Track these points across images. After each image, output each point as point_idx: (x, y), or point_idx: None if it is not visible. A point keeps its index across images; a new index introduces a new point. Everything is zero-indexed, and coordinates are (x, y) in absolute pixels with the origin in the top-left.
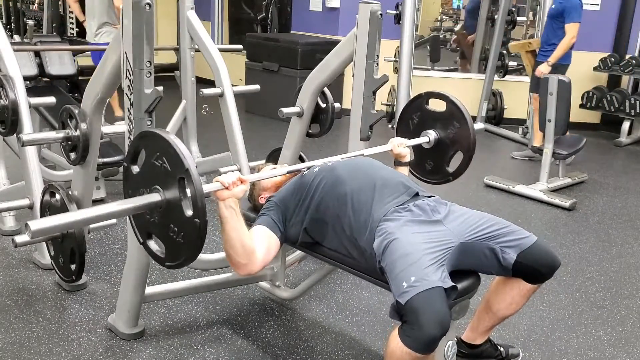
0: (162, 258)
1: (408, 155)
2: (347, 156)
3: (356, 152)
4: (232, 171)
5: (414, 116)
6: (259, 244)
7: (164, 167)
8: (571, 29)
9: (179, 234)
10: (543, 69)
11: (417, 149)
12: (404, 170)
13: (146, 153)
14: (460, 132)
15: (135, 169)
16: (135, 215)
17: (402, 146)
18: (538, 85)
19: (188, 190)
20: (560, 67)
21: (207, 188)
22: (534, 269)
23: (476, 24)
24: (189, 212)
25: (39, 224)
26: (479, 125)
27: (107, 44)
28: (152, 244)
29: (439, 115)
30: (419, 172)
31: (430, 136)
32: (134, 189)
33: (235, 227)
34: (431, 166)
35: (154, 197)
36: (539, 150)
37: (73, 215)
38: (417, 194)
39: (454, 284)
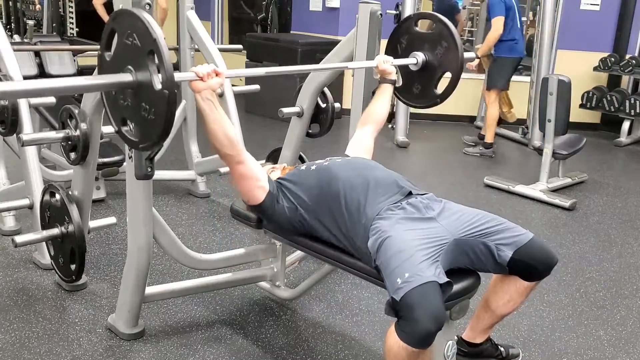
0: (136, 142)
1: (393, 74)
2: (336, 66)
3: (343, 64)
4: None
5: (402, 39)
6: (252, 160)
7: (134, 43)
8: (495, 23)
9: (150, 110)
10: (473, 62)
11: (404, 72)
12: (387, 88)
13: (118, 34)
14: (448, 52)
15: (109, 55)
16: (110, 104)
17: (387, 63)
18: (490, 83)
19: (157, 67)
20: (505, 60)
21: (181, 76)
22: (530, 266)
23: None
24: (158, 86)
25: (7, 86)
26: (469, 54)
27: None
28: (126, 129)
29: (427, 36)
30: (406, 97)
31: (418, 57)
32: (108, 73)
33: (215, 119)
34: (419, 90)
35: (126, 77)
36: (491, 146)
37: (45, 83)
38: (410, 193)
39: (449, 280)
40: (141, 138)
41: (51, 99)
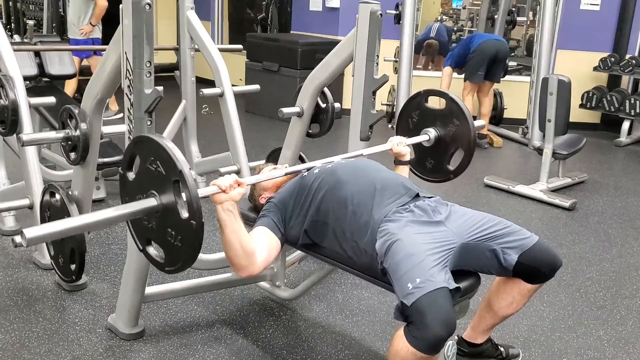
0: (162, 263)
1: (408, 154)
2: (347, 156)
3: (355, 152)
4: (230, 173)
5: (413, 114)
6: (260, 246)
7: (159, 171)
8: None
9: (177, 237)
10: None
11: (417, 147)
12: (405, 170)
13: (141, 158)
14: (460, 129)
15: (131, 175)
16: (134, 222)
17: (401, 145)
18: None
19: (183, 194)
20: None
21: (203, 192)
22: (535, 269)
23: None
24: (184, 215)
25: (34, 231)
26: (479, 122)
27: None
28: (152, 250)
29: (439, 113)
30: (419, 171)
31: (430, 134)
32: (131, 195)
33: (234, 230)
34: (432, 164)
35: (151, 202)
36: None
37: (70, 222)
38: (417, 195)
39: (458, 285)
40: (167, 261)
41: (51, 99)
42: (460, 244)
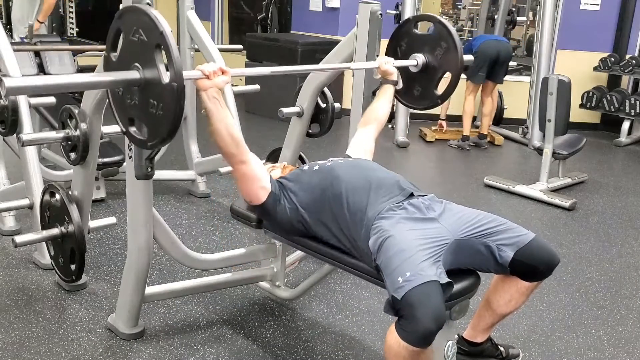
0: (145, 140)
1: (395, 75)
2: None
3: (343, 65)
4: (229, 173)
5: (401, 42)
6: (256, 160)
7: (141, 39)
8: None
9: (158, 105)
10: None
11: (405, 75)
12: (389, 89)
13: (124, 33)
14: (448, 53)
15: (115, 55)
16: (117, 105)
17: (388, 64)
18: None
19: (164, 59)
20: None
21: (187, 74)
22: (531, 266)
23: None
24: (165, 80)
25: (15, 82)
26: (468, 57)
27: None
28: (134, 130)
29: (427, 37)
30: (407, 99)
31: (418, 59)
32: None
33: (220, 118)
34: (419, 91)
35: (133, 74)
36: (467, 138)
37: (51, 79)
38: (412, 194)
39: (450, 280)
40: (149, 136)
41: (51, 99)
42: (454, 240)
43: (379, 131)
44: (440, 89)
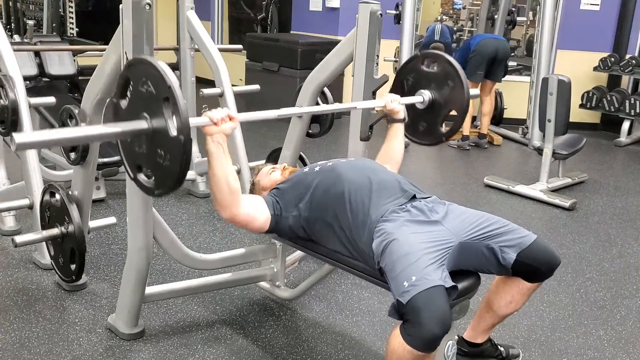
0: (152, 188)
1: (402, 112)
2: (343, 107)
3: (349, 104)
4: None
5: (408, 77)
6: (247, 199)
7: (149, 91)
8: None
9: (166, 156)
10: None
11: (411, 110)
12: (399, 128)
13: (133, 82)
14: (454, 91)
15: (124, 103)
16: (125, 150)
17: (395, 102)
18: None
19: (173, 115)
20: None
21: (195, 122)
22: (533, 267)
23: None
24: (173, 132)
25: (24, 137)
26: (474, 91)
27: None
28: (142, 177)
29: (433, 75)
30: (412, 134)
31: (424, 96)
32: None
33: (221, 164)
34: (424, 127)
35: (141, 124)
36: (467, 138)
37: (61, 133)
38: (414, 196)
39: (454, 284)
40: (156, 184)
41: (51, 99)
42: (458, 243)
43: (398, 169)
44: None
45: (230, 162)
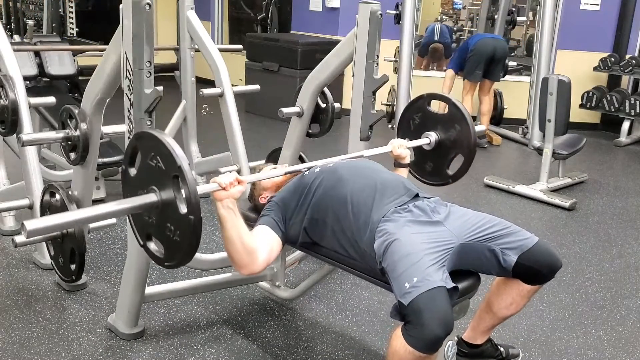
0: (161, 259)
1: (408, 157)
2: (347, 157)
3: (355, 153)
4: (230, 172)
5: (415, 117)
6: (261, 244)
7: (159, 166)
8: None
9: (175, 232)
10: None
11: (417, 150)
12: (404, 172)
13: (142, 154)
14: (461, 134)
15: (133, 171)
16: (134, 217)
17: (402, 147)
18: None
19: (182, 189)
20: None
21: (203, 189)
22: (535, 270)
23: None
24: (183, 210)
25: (35, 223)
26: (480, 127)
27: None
28: (152, 245)
29: (441, 117)
30: (418, 173)
31: (431, 138)
32: (133, 190)
33: (234, 226)
34: (431, 167)
35: (151, 198)
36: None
37: (70, 215)
38: (417, 195)
39: (455, 285)
40: (167, 256)
41: (51, 99)
42: (459, 244)
43: None
44: (453, 167)
45: (243, 222)
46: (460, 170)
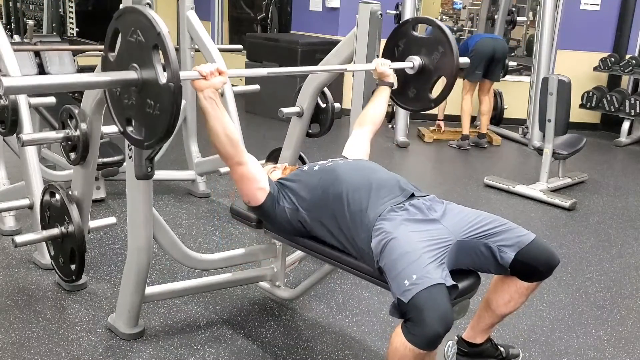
0: (142, 140)
1: (391, 76)
2: (333, 68)
3: (339, 66)
4: (229, 172)
5: (399, 43)
6: (254, 162)
7: (139, 40)
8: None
9: (155, 106)
10: None
11: (401, 77)
12: (385, 91)
13: (122, 34)
14: (444, 57)
15: (113, 55)
16: (114, 103)
17: (385, 65)
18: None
19: (162, 59)
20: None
21: (184, 75)
22: (532, 267)
23: None
24: (162, 80)
25: (13, 81)
26: (464, 59)
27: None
28: (131, 130)
29: (424, 40)
30: (401, 100)
31: (414, 61)
32: None
33: (216, 117)
34: (414, 93)
35: (131, 74)
36: (466, 138)
37: (49, 79)
38: (412, 195)
39: (455, 283)
40: (146, 136)
41: (51, 99)
42: (456, 241)
43: (375, 132)
44: (435, 92)
45: (226, 114)
46: (443, 92)
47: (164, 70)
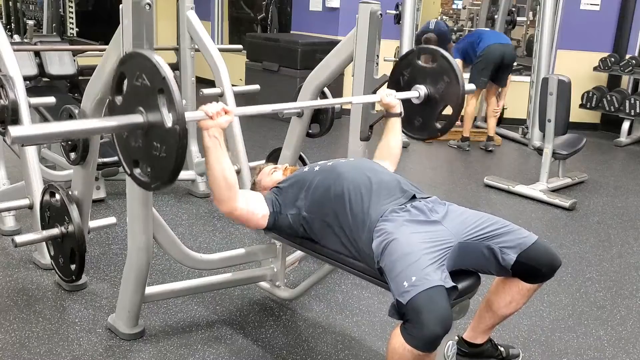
0: (148, 182)
1: (398, 106)
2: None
3: (345, 98)
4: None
5: (404, 72)
6: (246, 195)
7: (144, 84)
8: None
9: (162, 148)
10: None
11: (406, 105)
12: (396, 123)
13: (128, 78)
14: (450, 86)
15: (119, 99)
16: (122, 146)
17: (390, 96)
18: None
19: (167, 102)
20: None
21: (191, 116)
22: (534, 268)
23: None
24: (169, 124)
25: (21, 131)
26: (470, 86)
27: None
28: (138, 172)
29: (430, 70)
30: (408, 129)
31: (420, 91)
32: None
33: (218, 158)
34: (420, 122)
35: (137, 118)
36: (467, 139)
37: (56, 127)
38: (414, 196)
39: (454, 284)
40: (152, 178)
41: (51, 99)
42: (458, 243)
43: (397, 163)
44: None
45: (227, 156)
46: (449, 121)
47: (169, 112)
